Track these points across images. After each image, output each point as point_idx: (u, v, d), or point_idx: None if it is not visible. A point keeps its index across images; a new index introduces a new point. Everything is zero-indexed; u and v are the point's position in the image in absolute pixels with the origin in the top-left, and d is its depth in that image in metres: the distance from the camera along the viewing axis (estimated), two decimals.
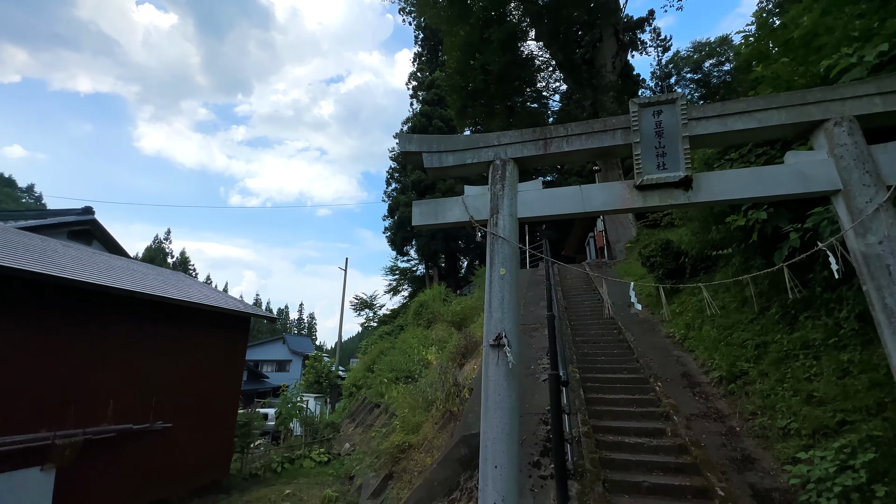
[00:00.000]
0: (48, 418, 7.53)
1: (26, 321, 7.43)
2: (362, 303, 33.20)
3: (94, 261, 10.87)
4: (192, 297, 11.28)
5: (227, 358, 11.80)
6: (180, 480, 10.02)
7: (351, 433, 17.87)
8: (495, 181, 3.95)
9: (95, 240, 16.43)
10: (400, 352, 17.11)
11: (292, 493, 10.95)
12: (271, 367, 38.18)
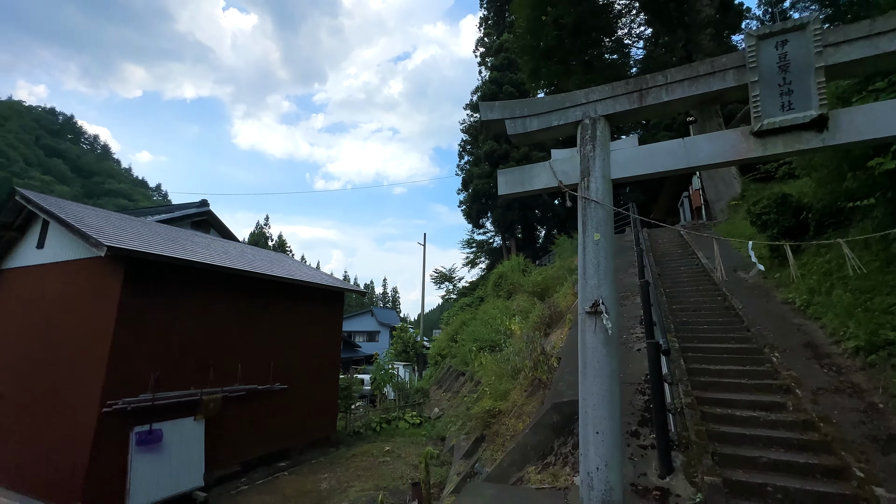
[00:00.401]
0: (196, 379, 9.04)
1: (179, 302, 8.86)
2: (442, 276, 34.19)
3: (221, 247, 12.51)
4: (298, 275, 12.53)
5: (327, 328, 13.03)
6: (297, 434, 11.48)
7: (439, 399, 18.89)
8: (585, 142, 3.74)
9: (212, 228, 18.85)
10: (482, 322, 17.45)
11: (391, 450, 12.00)
12: (362, 338, 41.42)
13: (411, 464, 10.83)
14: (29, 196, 9.45)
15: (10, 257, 10.25)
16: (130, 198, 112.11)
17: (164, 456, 8.17)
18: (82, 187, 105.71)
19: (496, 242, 35.59)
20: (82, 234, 7.92)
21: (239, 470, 9.74)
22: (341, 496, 8.62)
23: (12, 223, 9.95)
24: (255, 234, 50.15)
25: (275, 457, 10.70)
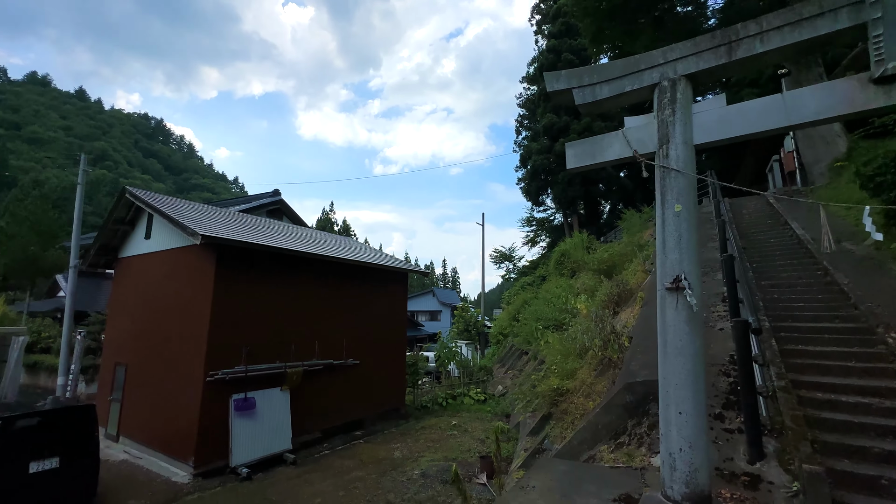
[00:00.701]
0: (279, 354, 9.94)
1: (262, 285, 9.72)
2: (501, 255, 33.99)
3: (295, 233, 13.45)
4: (365, 258, 13.15)
5: (394, 307, 13.59)
6: (369, 406, 12.25)
7: (502, 377, 19.07)
8: (663, 106, 3.46)
9: (284, 215, 20.22)
10: (544, 301, 17.19)
11: (458, 425, 12.40)
12: (425, 317, 42.70)
13: (477, 438, 11.14)
14: (136, 193, 10.75)
15: (125, 248, 11.82)
16: (213, 191, 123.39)
17: (258, 421, 9.14)
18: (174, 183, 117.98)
19: (557, 220, 34.49)
20: (181, 225, 8.89)
21: (320, 436, 10.64)
22: (413, 465, 9.12)
23: (125, 218, 11.41)
24: (321, 221, 53.09)
25: (351, 426, 11.54)
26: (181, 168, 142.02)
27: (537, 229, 35.51)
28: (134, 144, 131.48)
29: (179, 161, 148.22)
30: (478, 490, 7.68)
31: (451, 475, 4.28)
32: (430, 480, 8.25)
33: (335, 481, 8.23)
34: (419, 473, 8.60)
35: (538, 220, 35.30)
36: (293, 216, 20.63)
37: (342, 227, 52.16)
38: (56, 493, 6.52)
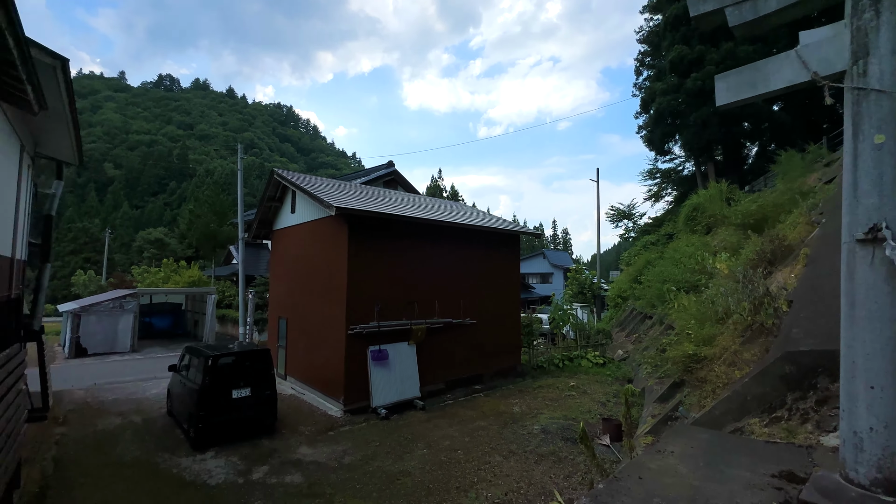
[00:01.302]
0: (405, 312, 10.91)
1: (387, 249, 10.67)
2: (619, 213, 31.39)
3: (411, 201, 14.30)
4: (478, 221, 13.41)
5: (507, 269, 13.73)
6: (486, 363, 12.82)
7: (622, 341, 18.13)
8: (860, 9, 2.71)
9: (399, 185, 21.49)
10: (671, 261, 15.56)
11: (576, 386, 12.30)
12: (536, 280, 42.26)
13: (598, 400, 10.94)
14: (282, 174, 12.46)
15: (277, 221, 13.93)
16: (336, 167, 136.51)
17: (391, 370, 10.30)
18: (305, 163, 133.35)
19: (687, 170, 30.29)
20: (318, 199, 10.10)
21: (443, 387, 11.57)
22: (532, 420, 9.40)
23: (275, 195, 13.38)
24: (431, 188, 55.17)
25: (470, 381, 12.28)
26: (309, 149, 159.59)
27: (662, 182, 31.71)
28: (272, 132, 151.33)
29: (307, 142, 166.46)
30: (601, 451, 7.63)
31: (578, 433, 4.31)
32: (551, 436, 8.44)
33: (460, 428, 8.95)
34: (539, 429, 8.86)
35: (663, 172, 31.45)
36: (406, 185, 21.84)
37: (450, 193, 53.52)
38: (251, 414, 8.35)
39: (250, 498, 6.12)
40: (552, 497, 6.06)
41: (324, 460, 7.37)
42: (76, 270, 44.09)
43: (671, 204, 30.75)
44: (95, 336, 18.23)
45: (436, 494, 6.20)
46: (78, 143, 8.64)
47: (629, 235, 32.25)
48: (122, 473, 6.93)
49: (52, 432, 8.70)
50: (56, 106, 6.57)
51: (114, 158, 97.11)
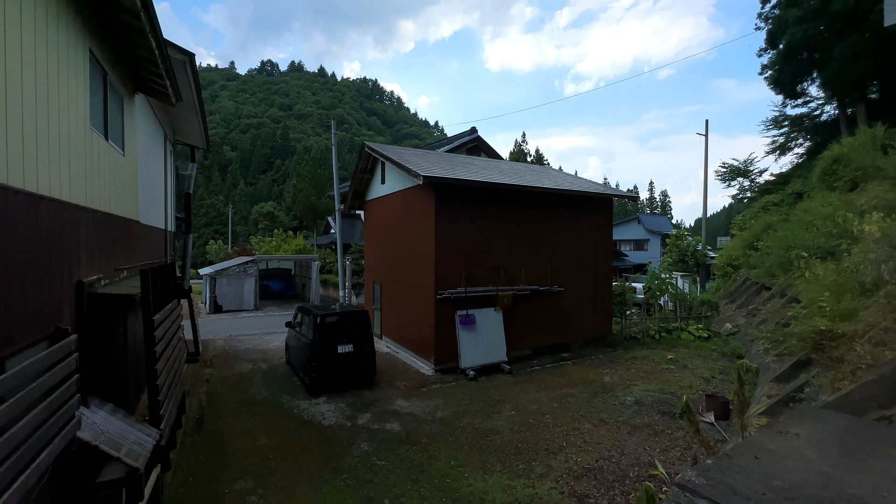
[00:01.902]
0: (491, 279, 11.01)
1: (473, 216, 10.75)
2: (732, 171, 27.42)
3: (496, 167, 14.11)
4: (566, 185, 12.81)
5: (597, 235, 13.01)
6: (575, 331, 12.51)
7: (731, 314, 16.32)
8: None
9: (482, 151, 21.21)
10: (800, 224, 13.37)
11: (675, 359, 11.48)
12: (629, 247, 39.42)
13: (700, 376, 10.13)
14: (371, 146, 13.04)
15: (368, 192, 14.75)
16: (419, 137, 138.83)
17: (478, 334, 10.59)
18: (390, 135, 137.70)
19: (826, 114, 25.13)
20: (406, 168, 10.42)
21: (530, 354, 11.61)
22: (625, 391, 9.05)
23: (366, 167, 14.11)
24: (514, 153, 53.52)
25: (557, 348, 12.14)
26: (394, 120, 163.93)
27: (790, 131, 26.77)
28: (359, 106, 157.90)
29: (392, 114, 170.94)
30: (704, 428, 7.12)
31: (680, 406, 4.06)
32: (645, 409, 8.08)
33: (548, 393, 8.98)
34: (632, 400, 8.52)
35: (792, 119, 26.47)
36: (489, 151, 21.48)
37: (535, 157, 51.40)
38: (354, 367, 9.29)
39: (357, 439, 6.90)
40: (648, 467, 5.87)
41: (418, 413, 7.98)
42: (209, 240, 51.92)
43: (801, 157, 25.97)
44: (227, 296, 21.52)
45: (524, 454, 6.39)
46: (205, 130, 9.92)
47: (744, 196, 28.12)
48: (255, 409, 8.25)
49: (203, 372, 10.62)
50: (187, 97, 7.57)
51: (230, 141, 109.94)
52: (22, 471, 2.71)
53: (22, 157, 3.06)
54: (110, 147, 5.23)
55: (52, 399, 3.14)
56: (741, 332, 13.86)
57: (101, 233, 4.86)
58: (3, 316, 2.82)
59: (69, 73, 3.95)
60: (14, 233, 2.95)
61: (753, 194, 26.76)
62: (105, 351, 5.92)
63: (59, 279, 3.73)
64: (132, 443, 4.31)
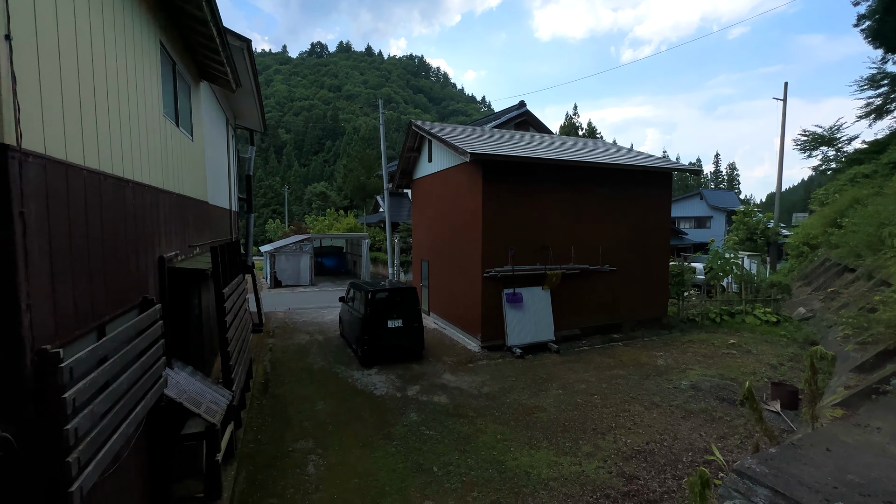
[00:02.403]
0: (539, 257, 10.83)
1: (521, 193, 10.54)
2: (814, 139, 24.51)
3: (544, 141, 13.65)
4: (620, 159, 12.18)
5: (654, 212, 12.30)
6: (627, 312, 12.07)
7: (806, 297, 14.96)
8: None
9: (530, 126, 20.52)
10: None
11: (737, 344, 10.80)
12: (688, 224, 36.90)
13: (766, 362, 9.48)
14: (418, 124, 13.05)
15: (415, 171, 14.86)
16: (466, 113, 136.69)
17: (525, 313, 10.54)
18: (436, 112, 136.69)
19: None
20: (453, 146, 10.36)
21: (579, 334, 11.40)
22: (680, 375, 8.69)
23: (413, 146, 14.18)
24: (565, 126, 51.21)
25: (607, 329, 11.81)
26: (440, 97, 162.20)
27: (890, 90, 23.33)
28: (406, 84, 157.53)
29: (438, 91, 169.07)
30: (768, 416, 6.71)
31: (743, 392, 3.83)
32: (702, 394, 7.73)
33: (597, 374, 8.83)
34: (688, 385, 8.18)
35: (893, 77, 23.03)
36: (538, 125, 20.73)
37: (587, 131, 48.91)
38: (403, 342, 9.63)
39: (407, 409, 7.22)
40: (703, 453, 5.66)
41: (465, 387, 8.18)
42: (267, 220, 55.13)
43: None
44: (286, 271, 22.90)
45: (571, 432, 6.38)
46: (262, 113, 10.39)
47: (827, 167, 25.13)
48: (313, 377, 8.85)
49: (266, 342, 11.49)
50: (245, 82, 7.93)
51: (284, 124, 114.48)
52: (123, 419, 3.13)
53: (109, 144, 3.39)
54: (181, 133, 5.65)
55: (143, 360, 3.56)
56: (816, 317, 12.71)
57: (176, 213, 5.32)
58: (105, 286, 3.20)
59: (144, 65, 4.28)
60: (108, 213, 3.31)
61: (839, 165, 23.88)
62: (183, 320, 6.57)
63: (145, 255, 4.15)
64: (209, 401, 4.80)
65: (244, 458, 5.68)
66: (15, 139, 2.18)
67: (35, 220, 2.34)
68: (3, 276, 2.14)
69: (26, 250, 2.24)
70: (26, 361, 2.23)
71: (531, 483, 5.13)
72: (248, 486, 5.10)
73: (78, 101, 2.89)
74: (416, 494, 4.94)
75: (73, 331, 2.75)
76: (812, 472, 2.34)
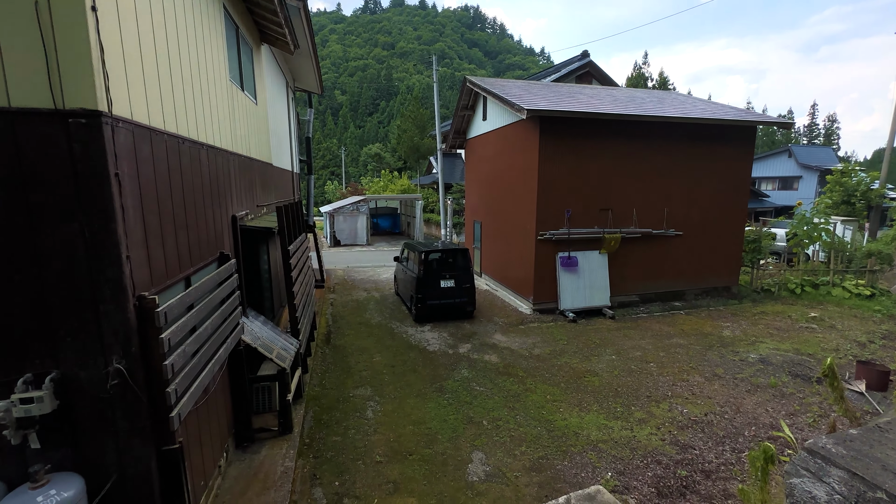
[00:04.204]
0: (598, 220, 10.36)
1: (580, 151, 9.99)
2: None
3: (608, 95, 12.67)
4: (692, 112, 11.05)
5: (732, 172, 11.16)
6: (691, 279, 11.35)
7: None
8: None
9: (594, 79, 19.02)
10: None
11: (819, 318, 9.85)
12: (772, 185, 33.10)
13: (853, 339, 8.61)
14: (473, 80, 12.58)
15: (469, 130, 14.51)
16: (523, 67, 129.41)
17: (580, 277, 10.27)
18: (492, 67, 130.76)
19: None
20: (509, 102, 9.92)
21: (637, 300, 10.97)
22: (749, 348, 8.16)
23: (468, 104, 13.77)
24: (632, 78, 46.88)
25: (669, 296, 11.22)
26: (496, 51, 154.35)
27: None
28: (460, 38, 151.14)
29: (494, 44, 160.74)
30: (850, 396, 6.17)
31: (823, 369, 3.52)
32: (773, 368, 7.23)
33: (654, 342, 8.52)
34: (756, 358, 7.67)
35: None
36: (603, 78, 19.18)
37: (658, 81, 44.44)
38: (455, 301, 9.84)
39: (458, 366, 7.49)
40: (768, 429, 5.38)
41: (516, 348, 8.28)
42: (326, 181, 57.27)
43: None
44: (344, 231, 23.94)
45: (623, 398, 6.31)
46: (319, 75, 10.52)
47: None
48: (371, 331, 9.39)
49: (328, 297, 12.28)
50: (303, 44, 8.01)
51: (340, 85, 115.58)
52: (210, 359, 3.54)
53: (185, 109, 3.63)
54: (246, 97, 5.90)
55: (223, 308, 3.95)
56: None
57: (245, 174, 5.67)
58: (188, 241, 3.55)
59: (212, 31, 4.45)
60: (187, 175, 3.60)
61: None
62: (254, 274, 7.16)
63: (220, 213, 4.51)
64: (280, 348, 5.27)
65: (311, 400, 6.26)
66: (106, 106, 2.39)
67: (128, 180, 2.60)
68: (106, 231, 2.43)
69: (123, 207, 2.51)
70: (129, 306, 2.56)
71: (580, 443, 5.20)
72: (315, 424, 5.65)
73: (156, 69, 3.09)
74: (466, 444, 5.21)
75: (165, 280, 3.10)
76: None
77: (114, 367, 2.52)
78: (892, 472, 1.96)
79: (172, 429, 2.78)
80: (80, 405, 2.54)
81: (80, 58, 2.25)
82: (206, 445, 3.81)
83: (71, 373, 2.50)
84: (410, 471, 4.71)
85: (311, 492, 4.36)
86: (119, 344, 2.55)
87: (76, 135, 2.31)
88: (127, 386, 2.57)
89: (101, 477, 2.62)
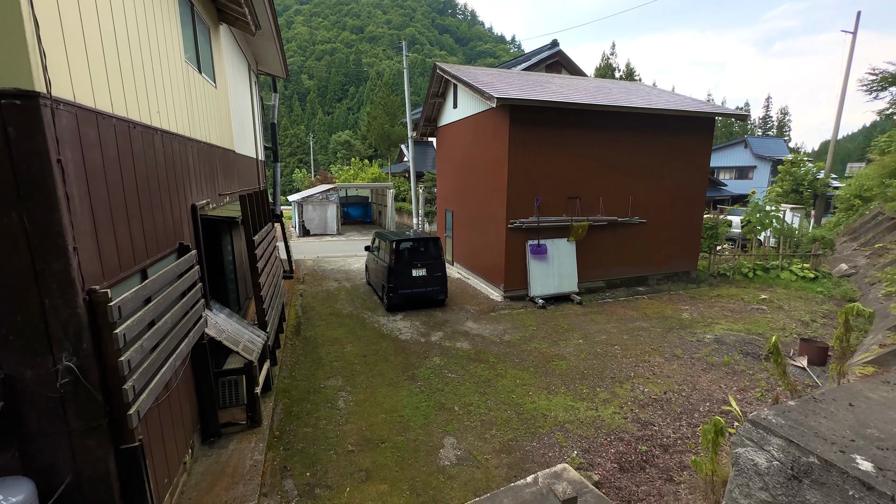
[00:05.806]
0: (566, 208, 10.58)
1: (549, 140, 10.12)
2: (885, 79, 21.93)
3: (578, 85, 12.84)
4: (657, 103, 11.37)
5: (692, 162, 11.63)
6: (654, 265, 11.84)
7: (850, 253, 14.19)
8: None
9: (563, 68, 19.22)
10: None
11: (768, 300, 10.51)
12: (729, 175, 34.74)
13: (797, 318, 9.25)
14: (443, 67, 12.45)
15: (440, 118, 14.40)
16: (494, 55, 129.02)
17: (549, 264, 10.50)
18: (463, 54, 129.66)
19: None
20: (480, 91, 9.89)
21: (603, 286, 11.34)
22: (705, 329, 8.62)
23: (438, 91, 13.64)
24: (600, 68, 47.64)
25: (633, 282, 11.67)
26: (467, 38, 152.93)
27: None
28: (431, 23, 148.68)
29: (465, 31, 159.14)
30: (793, 371, 6.66)
31: (769, 347, 3.78)
32: (726, 347, 7.69)
33: (619, 326, 8.87)
34: (712, 338, 8.13)
35: None
36: (571, 67, 19.41)
37: (625, 72, 45.40)
38: (427, 290, 9.87)
39: (430, 353, 7.55)
40: (720, 405, 5.74)
41: (487, 335, 8.42)
42: (294, 169, 55.61)
43: None
44: (313, 221, 23.39)
45: (590, 379, 6.55)
46: (283, 59, 10.12)
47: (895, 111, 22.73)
48: (342, 322, 9.29)
49: (297, 288, 12.03)
50: (265, 24, 7.67)
51: (307, 70, 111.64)
52: (170, 354, 3.41)
53: (134, 91, 3.42)
54: (203, 79, 5.61)
55: (184, 301, 3.81)
56: (859, 273, 12.13)
57: (205, 162, 5.42)
58: (143, 232, 3.37)
59: (164, 8, 4.18)
60: (139, 161, 3.41)
61: None
62: (218, 266, 6.91)
63: (178, 203, 4.31)
64: (246, 341, 5.14)
65: (280, 393, 6.17)
66: (44, 86, 2.22)
67: (72, 166, 2.44)
68: (49, 221, 2.28)
69: (67, 196, 2.36)
70: (78, 300, 2.43)
71: (548, 425, 5.38)
72: (285, 416, 5.58)
73: (101, 48, 2.89)
74: (437, 430, 5.29)
75: (119, 273, 2.95)
76: (830, 425, 2.35)
77: (63, 365, 2.39)
78: (822, 439, 2.15)
79: (131, 427, 2.68)
80: (27, 406, 2.40)
81: (11, 32, 2.07)
82: (170, 442, 3.69)
83: (16, 372, 2.35)
84: (383, 458, 4.75)
85: (282, 483, 4.33)
86: (68, 340, 2.42)
87: (11, 118, 2.14)
88: (79, 384, 2.45)
89: (54, 479, 2.50)
